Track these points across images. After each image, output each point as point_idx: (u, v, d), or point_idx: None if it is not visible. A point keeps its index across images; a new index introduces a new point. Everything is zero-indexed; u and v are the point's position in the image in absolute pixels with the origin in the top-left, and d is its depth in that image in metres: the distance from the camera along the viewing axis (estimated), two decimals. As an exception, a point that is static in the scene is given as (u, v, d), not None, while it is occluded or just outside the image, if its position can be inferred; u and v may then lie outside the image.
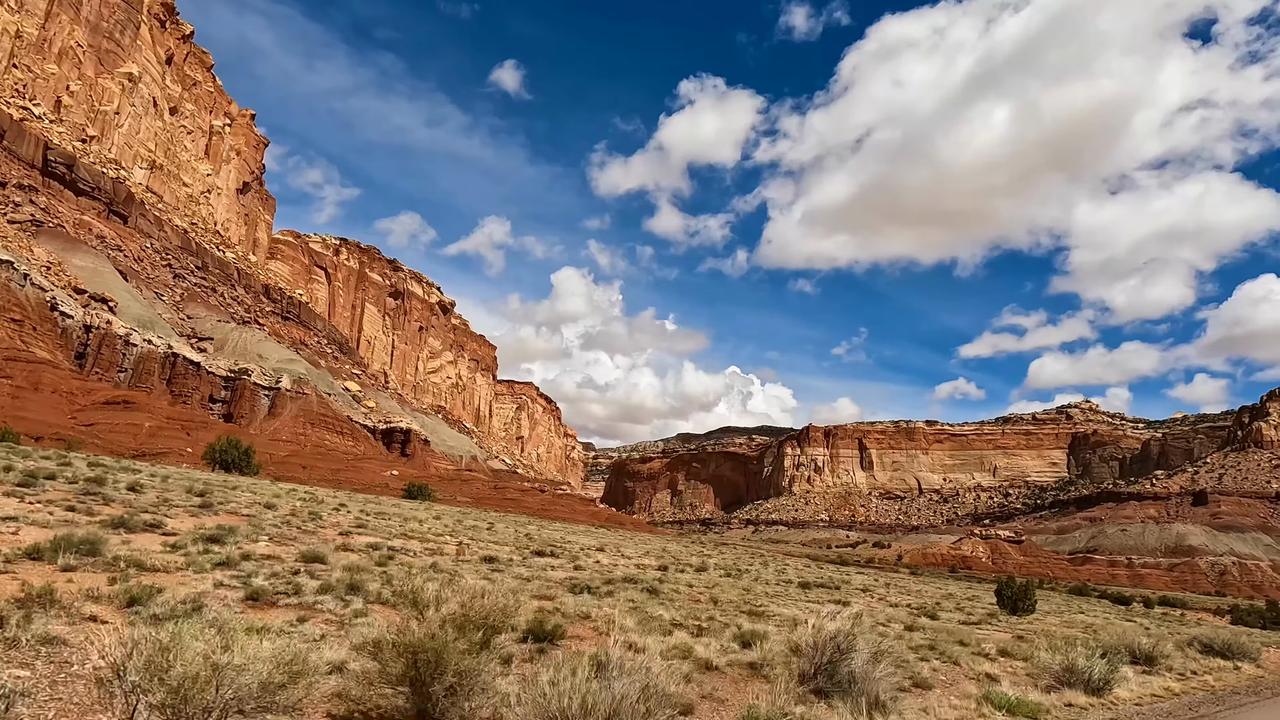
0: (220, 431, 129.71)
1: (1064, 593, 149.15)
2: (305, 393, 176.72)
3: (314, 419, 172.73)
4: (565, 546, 42.94)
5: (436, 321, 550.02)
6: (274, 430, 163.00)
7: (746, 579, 37.20)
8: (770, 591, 31.99)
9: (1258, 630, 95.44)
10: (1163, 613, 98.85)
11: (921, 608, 32.26)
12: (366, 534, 30.55)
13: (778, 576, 43.45)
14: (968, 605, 36.05)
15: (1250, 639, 28.63)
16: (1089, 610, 58.12)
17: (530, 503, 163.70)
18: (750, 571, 45.90)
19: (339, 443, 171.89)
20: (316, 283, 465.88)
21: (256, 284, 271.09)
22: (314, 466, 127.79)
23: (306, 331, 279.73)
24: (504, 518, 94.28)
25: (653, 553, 52.85)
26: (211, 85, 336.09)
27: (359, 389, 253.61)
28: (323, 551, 21.15)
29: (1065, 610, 48.48)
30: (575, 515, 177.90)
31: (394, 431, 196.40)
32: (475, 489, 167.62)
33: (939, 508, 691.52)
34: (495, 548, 33.58)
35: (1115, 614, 53.38)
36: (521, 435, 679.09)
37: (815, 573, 59.93)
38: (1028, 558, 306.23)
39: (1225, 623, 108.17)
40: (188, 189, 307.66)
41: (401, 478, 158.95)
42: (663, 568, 35.71)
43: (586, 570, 29.61)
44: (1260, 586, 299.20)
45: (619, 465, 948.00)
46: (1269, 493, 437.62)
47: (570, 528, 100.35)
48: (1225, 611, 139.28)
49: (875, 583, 52.97)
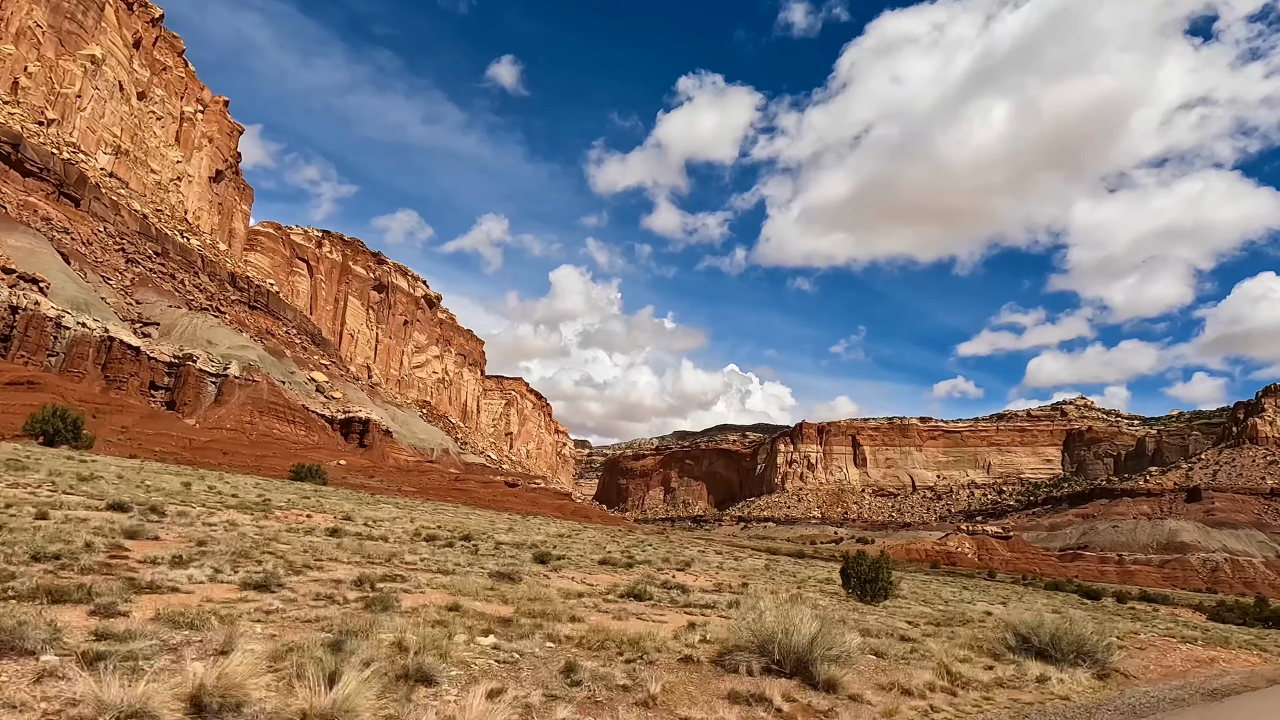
0: (139, 416, 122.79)
1: (1040, 588, 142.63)
2: (255, 380, 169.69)
3: (264, 407, 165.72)
4: (457, 530, 37.28)
5: (422, 315, 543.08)
6: (218, 418, 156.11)
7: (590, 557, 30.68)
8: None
9: (1235, 627, 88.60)
10: (1130, 608, 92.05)
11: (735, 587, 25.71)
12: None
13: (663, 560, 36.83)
14: (831, 589, 29.41)
15: (1114, 636, 22.13)
16: (1017, 601, 51.38)
17: (483, 494, 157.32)
18: (650, 561, 39.18)
19: (289, 431, 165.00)
20: (298, 275, 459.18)
21: (222, 272, 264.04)
22: (237, 453, 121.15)
23: (275, 321, 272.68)
24: (423, 505, 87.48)
25: (561, 537, 46.11)
26: (183, 70, 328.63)
27: (325, 379, 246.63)
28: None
29: (972, 599, 41.49)
30: (538, 508, 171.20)
31: (352, 421, 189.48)
32: (429, 480, 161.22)
33: (933, 505, 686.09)
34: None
35: (1047, 606, 46.48)
36: (510, 431, 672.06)
37: (725, 560, 52.99)
38: (1015, 554, 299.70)
39: (1203, 618, 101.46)
40: (156, 176, 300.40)
41: (350, 467, 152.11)
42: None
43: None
44: (1252, 583, 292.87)
45: (612, 462, 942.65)
46: (1263, 489, 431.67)
47: (512, 518, 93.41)
48: (1212, 607, 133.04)
49: (761, 566, 46.06)
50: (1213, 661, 20.43)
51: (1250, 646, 30.91)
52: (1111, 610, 70.01)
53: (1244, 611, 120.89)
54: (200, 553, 16.76)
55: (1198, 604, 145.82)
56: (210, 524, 24.20)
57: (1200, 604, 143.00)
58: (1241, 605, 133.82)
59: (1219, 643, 27.47)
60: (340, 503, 49.31)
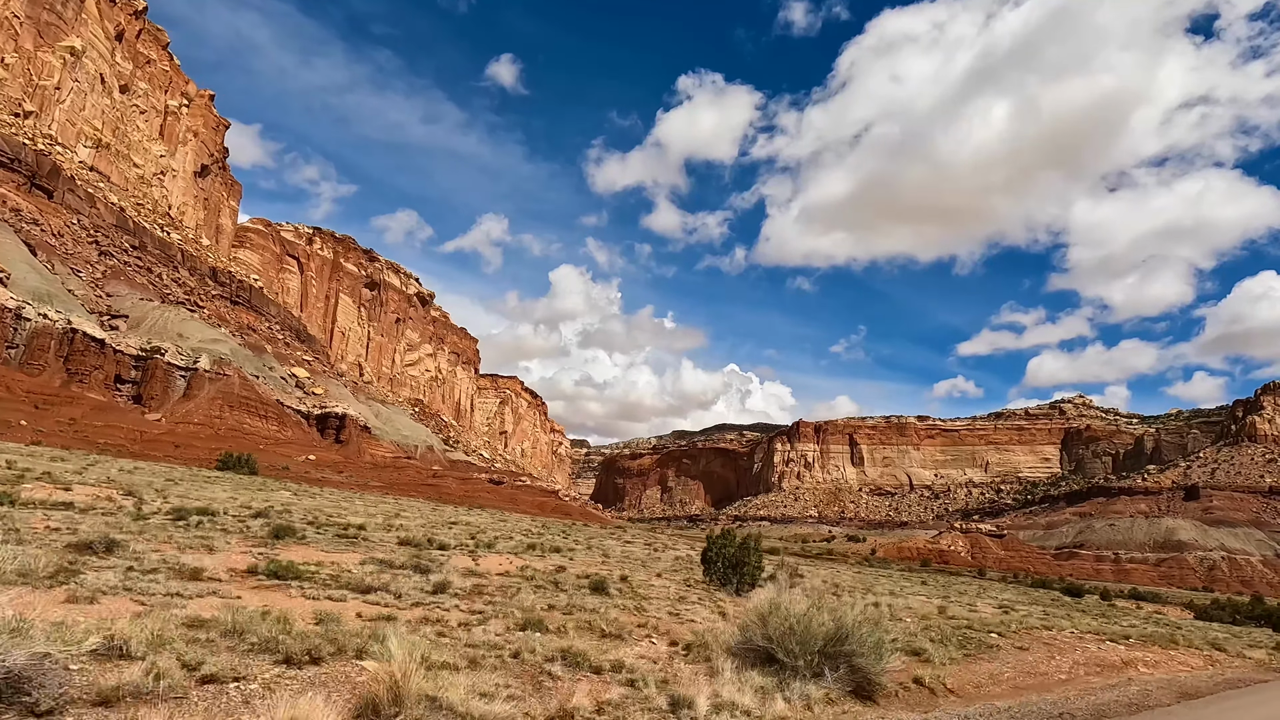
0: (90, 408, 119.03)
1: (1026, 585, 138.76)
2: (226, 374, 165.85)
3: (234, 401, 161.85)
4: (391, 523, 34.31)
5: (415, 313, 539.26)
6: (185, 412, 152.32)
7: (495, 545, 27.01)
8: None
9: (1218, 625, 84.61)
10: (1110, 605, 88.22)
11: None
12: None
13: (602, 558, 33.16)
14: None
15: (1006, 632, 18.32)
16: (975, 597, 47.76)
17: (455, 489, 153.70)
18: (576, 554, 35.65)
19: (260, 426, 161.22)
20: (288, 272, 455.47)
21: (203, 266, 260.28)
22: (191, 446, 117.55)
23: (257, 316, 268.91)
24: (368, 498, 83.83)
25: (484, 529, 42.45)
26: (167, 64, 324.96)
27: (307, 375, 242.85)
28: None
29: (899, 592, 37.77)
30: (515, 505, 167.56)
31: (329, 417, 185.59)
32: (403, 475, 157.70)
33: (930, 504, 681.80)
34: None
35: (995, 602, 42.80)
36: (505, 430, 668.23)
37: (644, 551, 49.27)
38: (1008, 552, 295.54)
39: (1189, 616, 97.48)
40: (138, 169, 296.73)
41: (319, 462, 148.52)
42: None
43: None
44: (1250, 582, 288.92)
45: (609, 462, 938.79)
46: (1262, 487, 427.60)
47: (460, 511, 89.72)
48: (1205, 605, 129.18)
49: (653, 555, 42.32)
50: (1126, 666, 16.73)
51: (1209, 646, 27.32)
52: (1077, 607, 66.27)
53: (1236, 609, 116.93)
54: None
55: (1188, 602, 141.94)
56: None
57: (1191, 602, 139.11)
58: (1234, 603, 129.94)
59: (1162, 642, 23.70)
60: (232, 491, 45.52)
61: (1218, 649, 25.94)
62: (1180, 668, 17.92)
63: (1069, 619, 31.37)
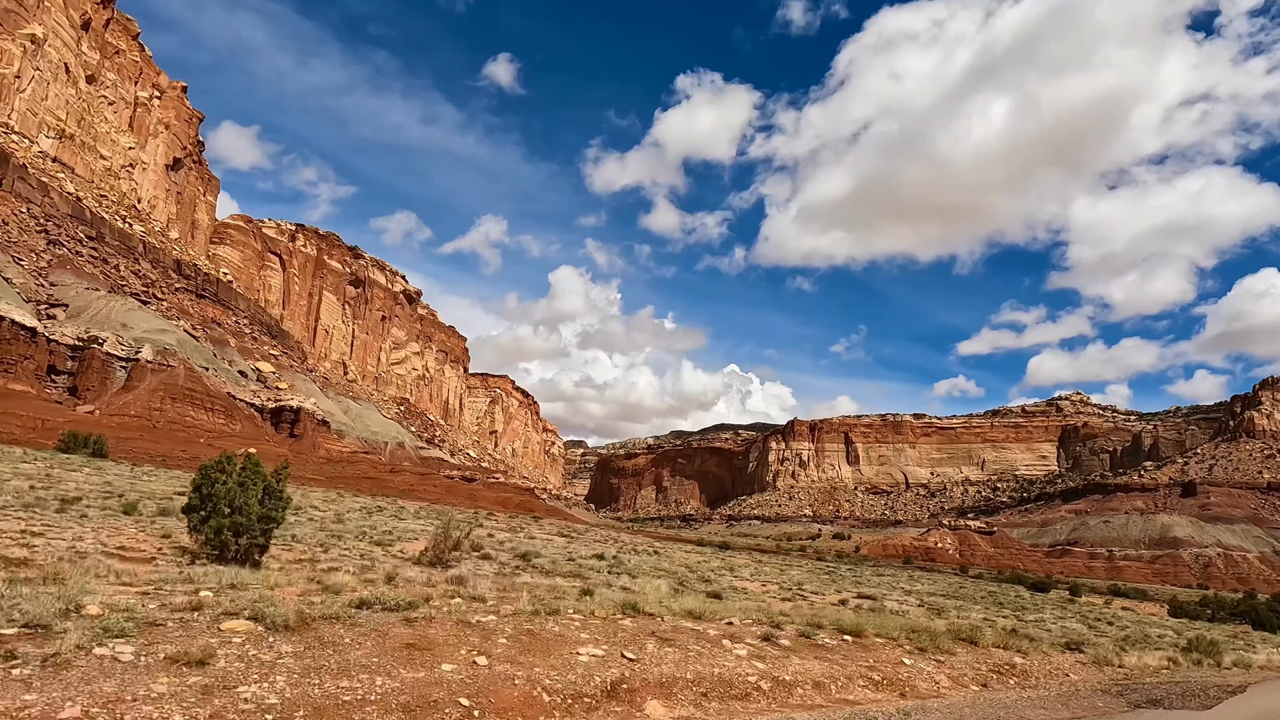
0: (3, 398, 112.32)
1: (998, 580, 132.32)
2: (170, 365, 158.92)
3: (177, 394, 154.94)
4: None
5: (401, 311, 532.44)
6: (122, 404, 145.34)
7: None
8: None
9: (1201, 623, 77.53)
10: (1070, 601, 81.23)
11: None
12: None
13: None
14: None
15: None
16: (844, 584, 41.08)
17: (397, 484, 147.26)
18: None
19: (204, 419, 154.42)
20: (270, 269, 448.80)
21: (167, 259, 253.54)
22: (117, 439, 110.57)
23: (224, 310, 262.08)
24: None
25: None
26: (138, 54, 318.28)
27: (272, 370, 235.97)
28: None
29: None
30: (473, 501, 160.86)
31: (283, 411, 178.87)
32: (354, 469, 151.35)
33: (926, 502, 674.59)
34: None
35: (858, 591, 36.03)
36: (495, 430, 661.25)
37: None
38: (998, 549, 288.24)
39: (1163, 613, 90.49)
40: (105, 162, 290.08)
41: (263, 456, 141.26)
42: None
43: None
44: (1246, 579, 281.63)
45: (604, 462, 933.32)
46: (1260, 483, 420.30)
47: (381, 502, 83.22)
48: (1194, 602, 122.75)
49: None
50: (772, 690, 9.97)
51: (1056, 648, 20.96)
52: (1030, 603, 59.54)
53: (1222, 605, 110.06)
54: None
55: (1172, 598, 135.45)
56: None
57: (1175, 598, 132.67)
58: (1220, 599, 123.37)
59: (1006, 644, 17.01)
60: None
61: (1076, 651, 19.51)
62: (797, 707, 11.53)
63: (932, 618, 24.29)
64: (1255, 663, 28.54)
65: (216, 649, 11.03)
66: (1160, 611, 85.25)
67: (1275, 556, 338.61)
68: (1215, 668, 25.60)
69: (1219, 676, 23.70)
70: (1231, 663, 27.37)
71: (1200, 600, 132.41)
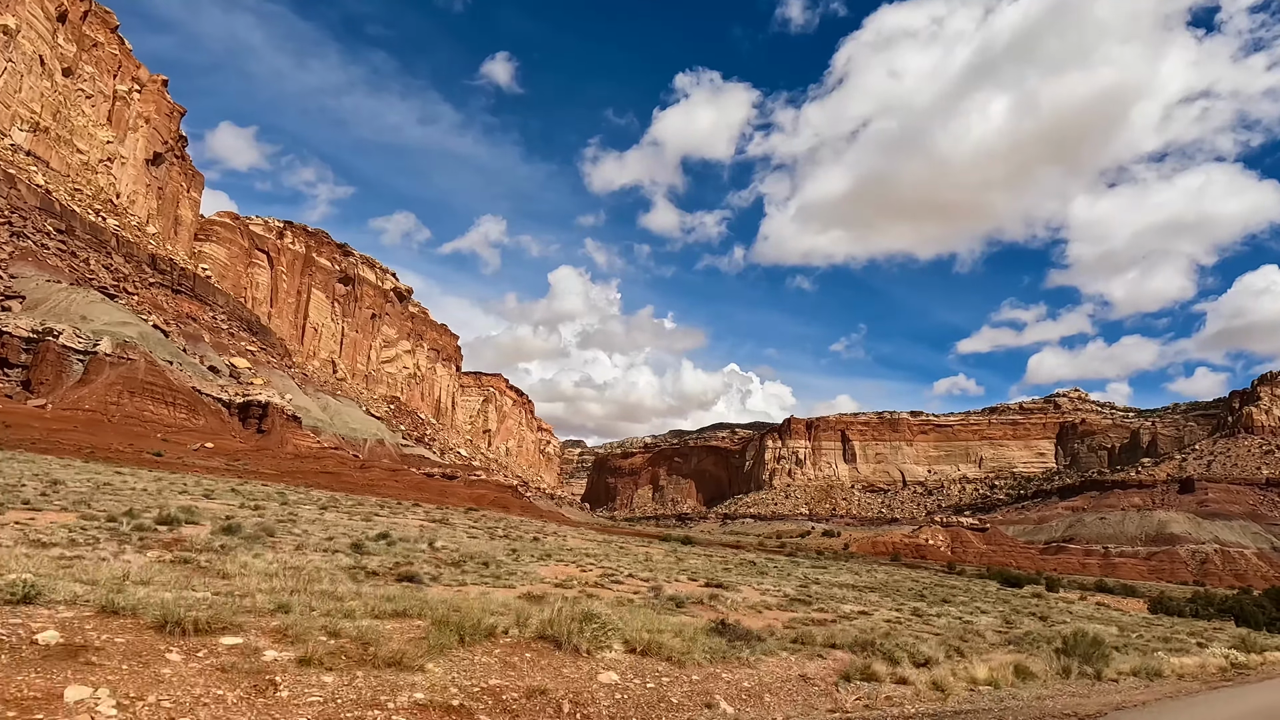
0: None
1: (979, 577, 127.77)
2: (130, 358, 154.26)
3: (137, 387, 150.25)
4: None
5: (391, 309, 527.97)
6: (77, 399, 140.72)
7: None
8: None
9: (1176, 620, 72.81)
10: (1035, 597, 76.52)
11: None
12: None
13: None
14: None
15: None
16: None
17: (356, 478, 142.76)
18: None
19: (164, 414, 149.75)
20: (257, 267, 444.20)
21: (142, 253, 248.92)
22: (66, 434, 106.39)
23: (201, 306, 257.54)
24: (189, 479, 72.45)
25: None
26: (116, 48, 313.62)
27: (248, 365, 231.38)
28: None
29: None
30: (442, 497, 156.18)
31: (251, 405, 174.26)
32: (308, 464, 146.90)
33: (923, 500, 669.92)
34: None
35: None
36: (489, 429, 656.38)
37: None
38: (990, 546, 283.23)
39: (1143, 607, 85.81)
40: (82, 156, 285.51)
41: (216, 450, 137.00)
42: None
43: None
44: (1244, 575, 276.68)
45: (601, 461, 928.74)
46: (1258, 479, 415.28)
47: (318, 496, 78.69)
48: (1193, 598, 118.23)
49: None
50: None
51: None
52: (979, 596, 54.92)
53: (1210, 601, 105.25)
54: None
55: (1160, 593, 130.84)
56: None
57: (1163, 593, 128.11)
58: (1208, 595, 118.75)
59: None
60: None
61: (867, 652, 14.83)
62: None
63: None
64: (1173, 669, 23.29)
65: None
66: (1140, 607, 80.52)
67: (1274, 553, 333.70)
68: (1090, 679, 20.31)
69: (1080, 693, 18.13)
70: (1131, 670, 22.00)
71: (1191, 596, 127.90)
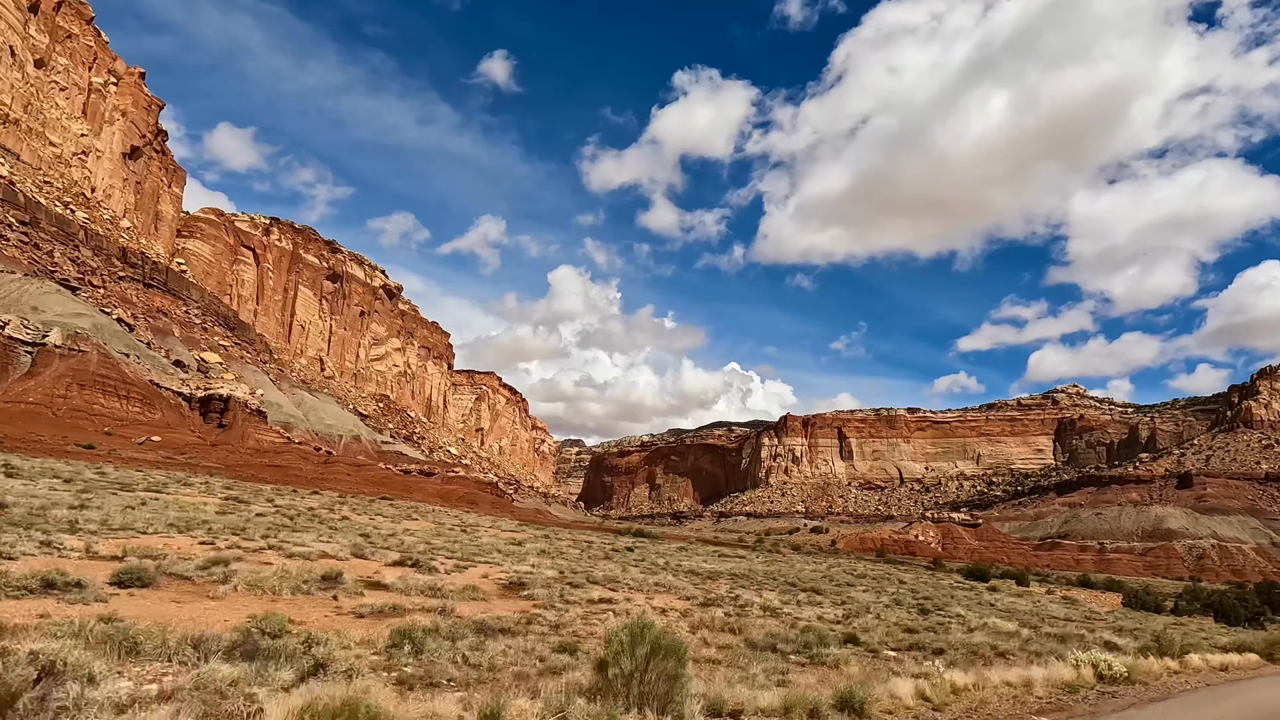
0: None
1: (951, 572, 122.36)
2: (82, 350, 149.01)
3: (87, 380, 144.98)
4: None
5: (381, 306, 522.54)
6: (21, 391, 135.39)
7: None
8: None
9: (1145, 613, 67.35)
10: (991, 589, 70.99)
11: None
12: None
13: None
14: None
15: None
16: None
17: (306, 471, 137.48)
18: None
19: (116, 407, 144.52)
20: (243, 263, 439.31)
21: (112, 247, 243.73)
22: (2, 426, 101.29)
23: (173, 300, 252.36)
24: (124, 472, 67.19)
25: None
26: (92, 39, 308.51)
27: (219, 360, 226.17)
28: None
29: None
30: (408, 492, 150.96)
31: (212, 400, 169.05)
32: (274, 458, 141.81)
33: (920, 497, 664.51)
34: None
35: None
36: (481, 427, 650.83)
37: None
38: (982, 542, 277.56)
39: (1118, 602, 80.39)
40: (55, 149, 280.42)
41: (163, 444, 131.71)
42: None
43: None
44: (1241, 570, 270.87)
45: (597, 460, 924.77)
46: (1258, 474, 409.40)
47: (277, 490, 73.33)
48: (1187, 593, 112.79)
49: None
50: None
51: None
52: (927, 590, 49.53)
53: (1195, 596, 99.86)
54: None
55: (1144, 586, 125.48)
56: None
57: (1147, 587, 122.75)
58: (1194, 590, 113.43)
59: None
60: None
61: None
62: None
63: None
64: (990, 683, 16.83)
65: None
66: (1116, 602, 75.03)
67: (1273, 548, 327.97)
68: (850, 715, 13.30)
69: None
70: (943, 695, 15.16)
71: (1181, 591, 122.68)
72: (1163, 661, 22.57)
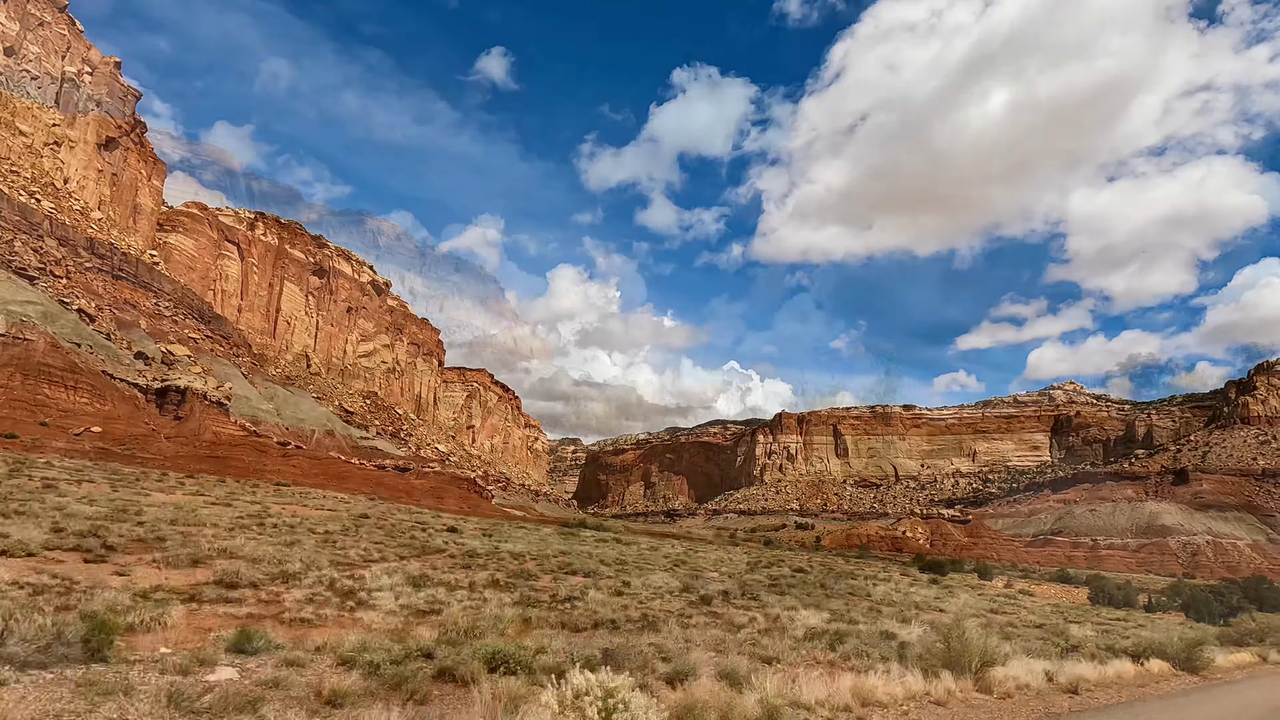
0: None
1: (961, 570, 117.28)
2: (27, 339, 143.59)
3: (33, 370, 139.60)
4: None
5: (369, 302, 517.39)
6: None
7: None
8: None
9: (1103, 609, 61.95)
10: (948, 580, 65.71)
11: None
12: None
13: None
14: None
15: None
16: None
17: (246, 462, 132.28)
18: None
19: (62, 398, 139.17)
20: (227, 258, 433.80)
21: (79, 237, 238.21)
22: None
23: (143, 292, 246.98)
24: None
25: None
26: (65, 27, 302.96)
27: (187, 353, 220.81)
28: None
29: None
30: (376, 487, 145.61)
31: (169, 391, 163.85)
32: (224, 450, 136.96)
33: (916, 495, 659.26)
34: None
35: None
36: (472, 424, 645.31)
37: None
38: (972, 538, 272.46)
39: (1083, 598, 75.04)
40: (26, 139, 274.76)
41: (104, 435, 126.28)
42: None
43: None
44: (1236, 567, 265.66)
45: (593, 458, 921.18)
46: (1254, 470, 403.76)
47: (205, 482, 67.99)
48: (1172, 588, 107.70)
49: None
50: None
51: None
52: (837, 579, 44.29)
53: (1177, 592, 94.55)
54: None
55: (1126, 581, 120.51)
56: None
57: (1128, 583, 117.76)
58: (1177, 587, 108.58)
59: None
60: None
61: None
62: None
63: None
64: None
65: None
66: (1080, 598, 69.71)
67: (1269, 544, 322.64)
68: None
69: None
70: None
71: (1166, 588, 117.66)
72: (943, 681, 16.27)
